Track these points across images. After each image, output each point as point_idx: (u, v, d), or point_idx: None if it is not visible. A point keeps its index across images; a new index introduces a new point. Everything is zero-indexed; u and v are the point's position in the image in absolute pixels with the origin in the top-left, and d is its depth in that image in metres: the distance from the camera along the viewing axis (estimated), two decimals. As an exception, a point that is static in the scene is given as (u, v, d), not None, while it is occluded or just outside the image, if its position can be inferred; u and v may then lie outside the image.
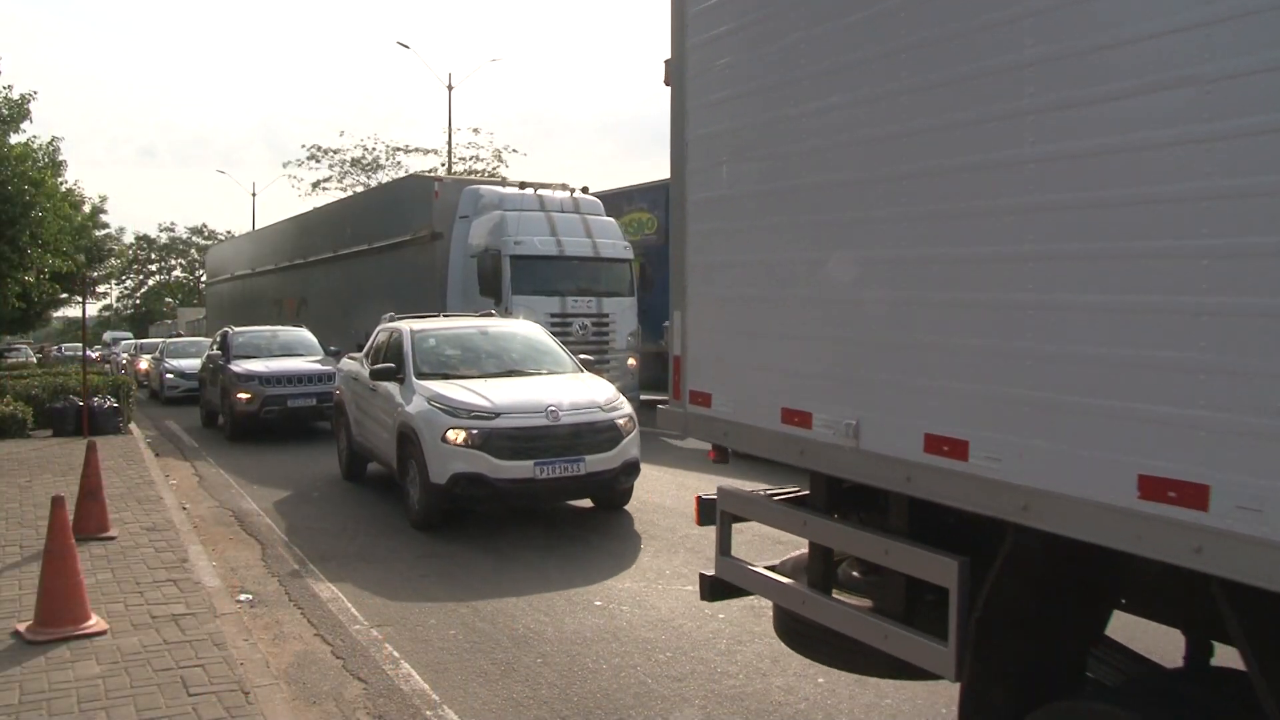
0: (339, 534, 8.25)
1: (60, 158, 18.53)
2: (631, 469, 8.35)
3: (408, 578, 6.81)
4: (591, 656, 5.18)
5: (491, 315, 11.14)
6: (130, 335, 47.08)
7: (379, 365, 9.41)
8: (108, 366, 29.51)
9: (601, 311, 15.30)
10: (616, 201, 18.35)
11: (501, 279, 14.81)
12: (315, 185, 43.80)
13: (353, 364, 11.00)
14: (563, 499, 8.67)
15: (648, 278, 17.07)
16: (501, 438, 7.78)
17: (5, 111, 16.57)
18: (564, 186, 16.62)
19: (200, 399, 17.97)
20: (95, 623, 5.20)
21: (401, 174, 33.69)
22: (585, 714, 4.46)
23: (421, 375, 8.84)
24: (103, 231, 36.87)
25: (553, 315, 14.68)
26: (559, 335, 15.38)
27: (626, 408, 8.50)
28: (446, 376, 8.85)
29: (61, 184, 19.90)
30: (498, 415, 7.89)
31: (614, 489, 8.47)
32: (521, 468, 7.74)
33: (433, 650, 5.28)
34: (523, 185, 16.19)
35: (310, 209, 28.52)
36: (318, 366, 15.07)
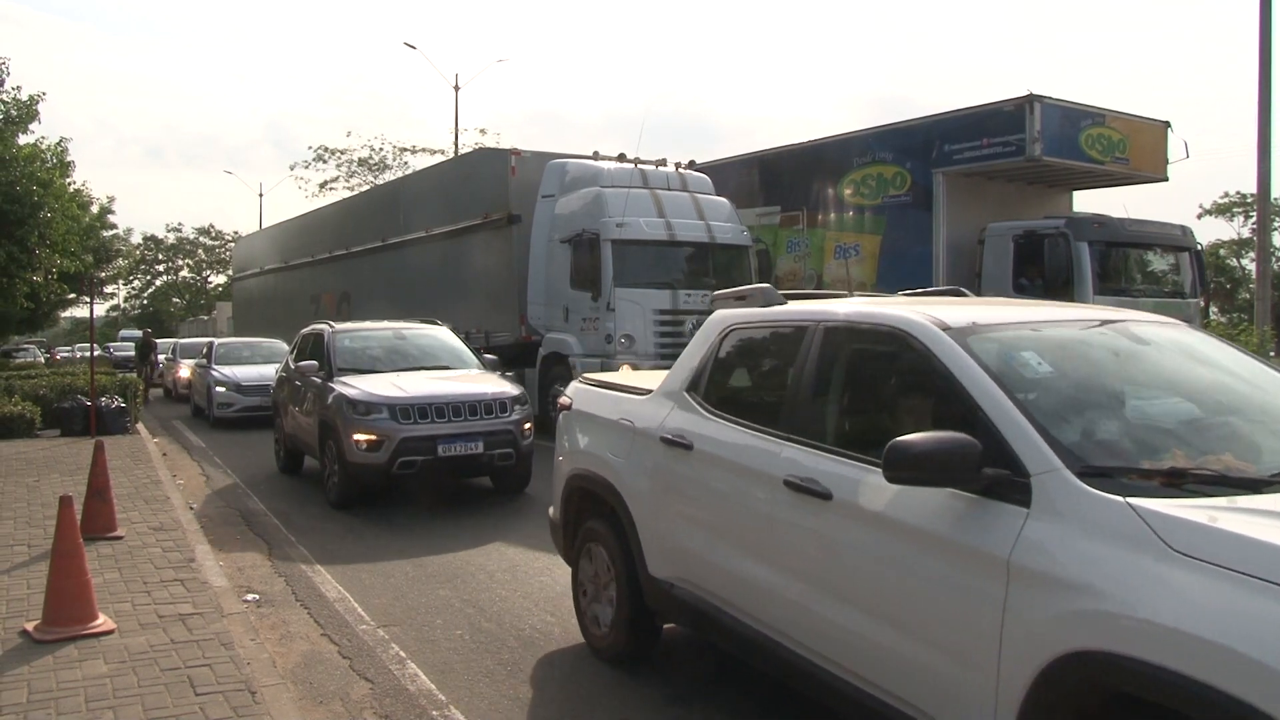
0: (345, 534, 8.26)
1: (68, 158, 18.54)
2: None
3: (415, 578, 6.81)
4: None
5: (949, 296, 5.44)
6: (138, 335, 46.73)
7: (929, 449, 2.81)
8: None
9: None
10: (843, 151, 14.43)
11: (601, 267, 12.78)
12: (322, 185, 44.16)
13: (637, 407, 4.94)
14: None
15: (767, 267, 14.47)
16: None
17: (14, 113, 16.61)
18: (663, 161, 14.70)
19: (276, 430, 11.89)
20: (103, 622, 5.20)
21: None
22: (590, 715, 4.45)
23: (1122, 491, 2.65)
24: (110, 232, 36.96)
25: (661, 312, 12.83)
26: (668, 336, 12.92)
27: None
28: (1193, 490, 2.71)
29: (70, 185, 19.95)
30: None
31: None
32: None
33: (439, 650, 5.28)
34: (621, 158, 14.24)
35: (353, 193, 26.71)
36: (485, 389, 9.36)
